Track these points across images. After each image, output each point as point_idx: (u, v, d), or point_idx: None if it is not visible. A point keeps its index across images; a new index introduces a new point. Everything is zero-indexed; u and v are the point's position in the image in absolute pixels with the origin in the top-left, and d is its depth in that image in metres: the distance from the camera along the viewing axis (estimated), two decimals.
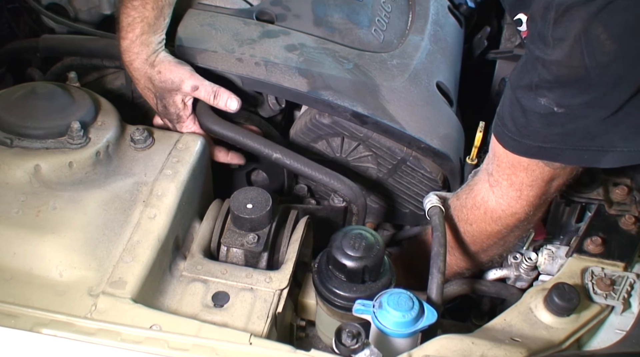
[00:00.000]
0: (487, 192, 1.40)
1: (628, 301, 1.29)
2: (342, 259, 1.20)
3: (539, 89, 1.18)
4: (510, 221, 1.41)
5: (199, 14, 1.66)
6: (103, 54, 1.65)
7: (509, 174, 1.34)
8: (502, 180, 1.36)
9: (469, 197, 1.45)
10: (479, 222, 1.44)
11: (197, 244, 1.36)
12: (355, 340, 1.10)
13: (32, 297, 1.16)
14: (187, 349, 1.11)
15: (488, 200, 1.40)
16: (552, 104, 1.17)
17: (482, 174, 1.43)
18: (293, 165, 1.52)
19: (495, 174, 1.37)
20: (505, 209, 1.39)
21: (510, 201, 1.37)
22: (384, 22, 1.82)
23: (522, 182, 1.33)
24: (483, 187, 1.41)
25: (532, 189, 1.34)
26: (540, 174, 1.30)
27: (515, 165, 1.32)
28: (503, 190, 1.37)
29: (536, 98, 1.19)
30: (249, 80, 1.56)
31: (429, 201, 1.48)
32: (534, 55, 1.18)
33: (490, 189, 1.39)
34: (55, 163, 1.32)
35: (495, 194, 1.39)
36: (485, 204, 1.41)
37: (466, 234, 1.48)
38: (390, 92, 1.64)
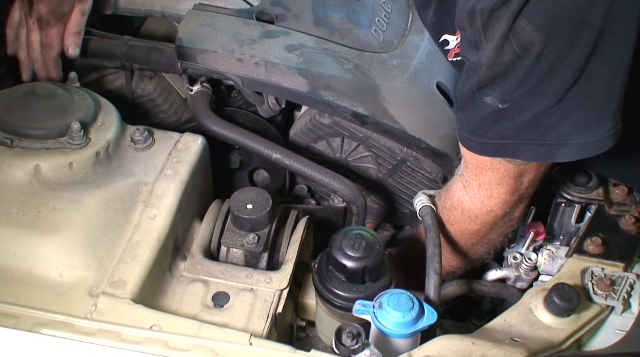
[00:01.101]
0: (462, 193, 1.42)
1: (628, 301, 1.29)
2: (342, 259, 1.20)
3: (481, 89, 1.22)
4: (488, 219, 1.42)
5: (198, 14, 1.67)
6: (103, 54, 1.65)
7: (477, 175, 1.36)
8: (471, 180, 1.38)
9: (447, 198, 1.47)
10: (458, 222, 1.46)
11: (197, 244, 1.36)
12: (355, 340, 1.10)
13: (32, 297, 1.16)
14: (187, 349, 1.11)
15: (463, 200, 1.42)
16: (496, 101, 1.21)
17: (456, 175, 1.45)
18: (293, 166, 1.52)
19: (465, 175, 1.40)
20: (480, 208, 1.40)
21: (483, 199, 1.39)
22: (384, 22, 1.82)
23: (490, 181, 1.35)
24: (458, 188, 1.43)
25: (502, 186, 1.36)
26: (505, 171, 1.32)
27: (480, 166, 1.34)
28: (474, 190, 1.39)
29: (481, 98, 1.23)
30: (249, 81, 1.56)
31: (419, 200, 1.48)
32: (471, 61, 1.23)
33: (464, 189, 1.41)
34: (55, 163, 1.32)
35: (469, 194, 1.41)
36: (462, 204, 1.43)
37: (450, 234, 1.49)
38: (390, 93, 1.64)
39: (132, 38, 1.66)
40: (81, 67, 1.66)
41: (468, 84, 1.25)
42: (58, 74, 1.61)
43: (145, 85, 1.69)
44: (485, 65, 1.19)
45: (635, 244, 1.40)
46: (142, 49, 1.63)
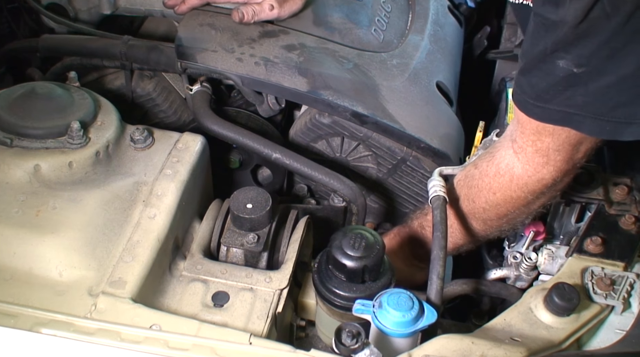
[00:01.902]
0: (512, 159, 1.36)
1: (628, 300, 1.29)
2: (342, 258, 1.20)
3: (555, 52, 1.15)
4: (537, 187, 1.36)
5: (198, 14, 1.67)
6: (103, 54, 1.65)
7: (534, 141, 1.30)
8: (527, 146, 1.32)
9: (491, 165, 1.40)
10: (503, 190, 1.39)
11: (197, 244, 1.36)
12: (355, 340, 1.10)
13: (32, 296, 1.16)
14: (186, 348, 1.11)
15: (514, 166, 1.36)
16: (571, 65, 1.14)
17: (505, 141, 1.39)
18: (293, 165, 1.52)
19: (519, 141, 1.33)
20: (532, 175, 1.34)
21: (537, 166, 1.33)
22: (384, 21, 1.82)
23: (549, 147, 1.29)
24: (507, 154, 1.37)
25: (560, 153, 1.30)
26: (567, 138, 1.27)
27: (541, 131, 1.28)
28: (528, 156, 1.33)
29: (554, 61, 1.16)
30: (249, 80, 1.56)
31: (432, 186, 1.44)
32: (547, 19, 1.15)
33: (515, 155, 1.35)
34: (55, 163, 1.32)
35: (521, 161, 1.34)
36: (511, 171, 1.36)
37: (489, 203, 1.43)
38: (390, 92, 1.64)
39: (132, 38, 1.66)
40: (81, 67, 1.66)
41: (540, 45, 1.17)
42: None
43: (145, 85, 1.69)
44: (568, 24, 1.12)
45: (635, 243, 1.40)
46: (141, 49, 1.63)
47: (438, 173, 1.47)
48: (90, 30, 1.76)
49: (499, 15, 2.31)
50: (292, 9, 1.68)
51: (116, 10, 1.87)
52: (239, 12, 1.63)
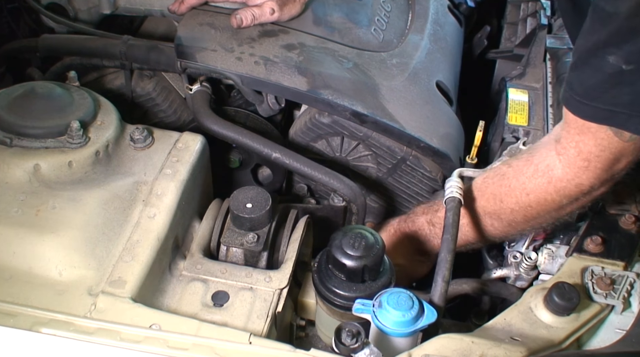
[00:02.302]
0: (554, 160, 1.34)
1: (628, 300, 1.29)
2: (342, 258, 1.20)
3: (607, 47, 1.14)
4: (574, 192, 1.34)
5: (198, 13, 1.67)
6: (103, 54, 1.65)
7: (577, 141, 1.28)
8: (570, 147, 1.30)
9: (529, 165, 1.38)
10: (539, 191, 1.37)
11: (197, 244, 1.36)
12: (355, 339, 1.10)
13: (32, 296, 1.16)
14: (186, 348, 1.11)
15: (554, 168, 1.33)
16: (621, 62, 1.13)
17: (547, 141, 1.38)
18: (293, 165, 1.52)
19: (563, 141, 1.31)
20: (571, 179, 1.32)
21: (578, 170, 1.31)
22: (384, 21, 1.82)
23: (591, 151, 1.27)
24: (548, 155, 1.35)
25: (600, 160, 1.28)
26: (608, 144, 1.25)
27: (584, 132, 1.26)
28: (570, 159, 1.31)
29: (604, 56, 1.15)
30: (249, 79, 1.56)
31: (449, 186, 1.42)
32: (604, 11, 1.13)
33: (557, 156, 1.33)
34: (54, 162, 1.32)
35: (562, 162, 1.32)
36: (551, 172, 1.34)
37: (519, 204, 1.41)
38: (389, 92, 1.64)
39: (132, 37, 1.66)
40: (81, 66, 1.66)
41: (592, 39, 1.16)
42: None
43: (144, 85, 1.69)
44: (622, 16, 1.10)
45: (635, 243, 1.40)
46: (141, 49, 1.63)
47: (457, 173, 1.46)
48: (90, 30, 1.76)
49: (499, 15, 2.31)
50: (291, 13, 1.68)
51: (116, 10, 1.87)
52: (236, 18, 1.62)
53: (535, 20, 2.09)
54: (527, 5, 2.20)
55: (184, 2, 1.68)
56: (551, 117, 1.77)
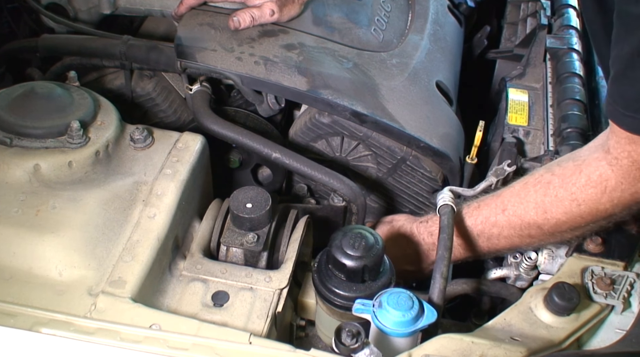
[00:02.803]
0: (606, 170, 1.28)
1: (628, 300, 1.29)
2: (342, 258, 1.20)
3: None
4: (628, 201, 1.30)
5: (198, 13, 1.67)
6: (102, 54, 1.65)
7: (629, 151, 1.23)
8: (622, 158, 1.25)
9: (579, 175, 1.32)
10: (591, 202, 1.31)
11: (197, 244, 1.36)
12: (355, 339, 1.10)
13: (32, 296, 1.16)
14: (186, 348, 1.11)
15: (608, 178, 1.28)
16: None
17: (596, 151, 1.33)
18: (292, 165, 1.52)
19: (613, 152, 1.26)
20: (627, 188, 1.27)
21: (633, 180, 1.26)
22: (384, 21, 1.82)
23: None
24: (600, 165, 1.29)
25: None
26: None
27: (636, 142, 1.21)
28: (624, 169, 1.26)
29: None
30: (248, 79, 1.56)
31: (441, 198, 1.44)
32: (630, 15, 1.09)
33: (610, 167, 1.28)
34: (54, 162, 1.32)
35: (616, 173, 1.27)
36: (605, 182, 1.29)
37: (568, 214, 1.35)
38: (389, 91, 1.64)
39: (132, 37, 1.66)
40: (81, 66, 1.66)
41: (625, 48, 1.12)
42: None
43: (144, 85, 1.69)
44: None
45: (635, 243, 1.39)
46: (141, 49, 1.63)
47: (448, 188, 1.46)
48: (90, 30, 1.76)
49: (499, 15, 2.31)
50: (290, 13, 1.68)
51: (116, 10, 1.87)
52: (234, 20, 1.62)
53: (535, 20, 2.10)
54: (527, 5, 2.21)
55: (183, 3, 1.68)
56: (551, 117, 1.77)
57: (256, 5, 1.64)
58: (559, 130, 1.69)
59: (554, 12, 2.09)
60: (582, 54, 1.92)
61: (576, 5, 2.11)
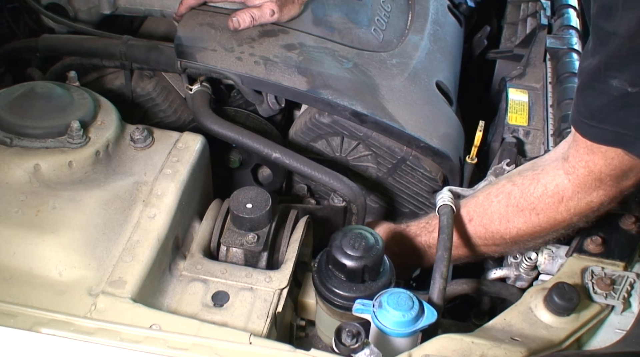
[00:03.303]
0: (563, 180, 1.32)
1: (628, 300, 1.29)
2: (342, 258, 1.20)
3: (609, 70, 1.12)
4: (584, 210, 1.34)
5: (198, 13, 1.67)
6: (102, 54, 1.65)
7: (587, 161, 1.27)
8: (579, 167, 1.28)
9: (537, 185, 1.36)
10: (549, 211, 1.36)
11: (197, 244, 1.36)
12: (355, 339, 1.10)
13: (32, 296, 1.16)
14: (186, 348, 1.10)
15: (564, 188, 1.32)
16: (625, 85, 1.11)
17: (554, 159, 1.36)
18: (292, 165, 1.52)
19: (572, 160, 1.30)
20: (582, 197, 1.31)
21: (588, 189, 1.30)
22: (384, 21, 1.82)
23: (601, 170, 1.26)
24: (557, 175, 1.33)
25: (610, 178, 1.27)
26: (619, 163, 1.24)
27: (594, 152, 1.25)
28: (580, 178, 1.29)
29: (607, 80, 1.13)
30: (248, 79, 1.56)
31: (441, 197, 1.45)
32: (603, 30, 1.11)
33: (566, 176, 1.31)
34: (54, 162, 1.32)
35: (572, 182, 1.31)
36: (561, 192, 1.33)
37: (528, 223, 1.40)
38: (389, 92, 1.64)
39: (132, 37, 1.66)
40: (81, 66, 1.66)
41: (594, 61, 1.14)
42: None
43: (144, 85, 1.69)
44: (621, 37, 1.07)
45: (635, 243, 1.39)
46: (141, 49, 1.63)
47: (447, 188, 1.47)
48: (90, 30, 1.76)
49: (499, 15, 2.31)
50: (290, 14, 1.68)
51: (116, 10, 1.87)
52: (233, 21, 1.61)
53: (535, 20, 2.10)
54: (527, 5, 2.20)
55: (183, 3, 1.68)
56: (551, 117, 1.77)
57: (256, 6, 1.64)
58: (559, 131, 1.69)
59: (554, 12, 2.09)
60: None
61: (576, 5, 2.11)
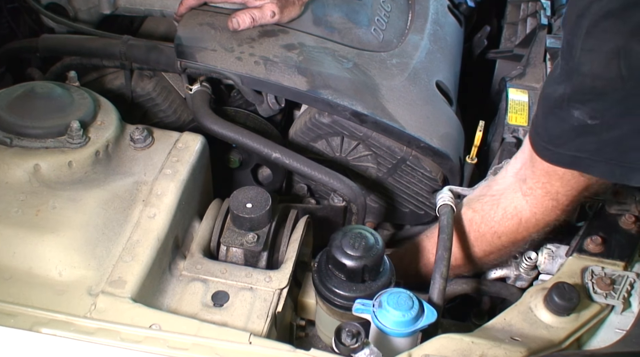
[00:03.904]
0: (520, 202, 1.37)
1: (628, 300, 1.28)
2: (342, 258, 1.20)
3: (571, 101, 1.16)
4: (543, 228, 1.39)
5: (198, 13, 1.67)
6: (102, 54, 1.65)
7: (544, 183, 1.31)
8: (536, 188, 1.33)
9: (497, 209, 1.41)
10: (510, 233, 1.41)
11: (197, 244, 1.36)
12: (355, 339, 1.10)
13: (32, 296, 1.16)
14: (186, 348, 1.11)
15: (522, 210, 1.37)
16: (586, 117, 1.15)
17: (512, 182, 1.39)
18: (292, 165, 1.52)
19: (529, 182, 1.34)
20: (540, 218, 1.37)
21: (546, 210, 1.35)
22: (384, 21, 1.82)
23: (558, 191, 1.31)
24: (515, 197, 1.38)
25: (568, 198, 1.32)
26: (575, 183, 1.29)
27: (551, 174, 1.29)
28: (538, 199, 1.34)
29: (569, 110, 1.17)
30: (248, 79, 1.56)
31: (441, 197, 1.45)
32: (568, 65, 1.16)
33: (524, 198, 1.36)
34: (54, 162, 1.32)
35: (530, 203, 1.36)
36: (520, 214, 1.38)
37: (492, 246, 1.45)
38: (389, 91, 1.64)
39: (132, 37, 1.66)
40: (81, 66, 1.66)
41: (560, 90, 1.18)
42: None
43: (144, 85, 1.69)
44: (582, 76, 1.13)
45: (635, 243, 1.39)
46: (141, 49, 1.63)
47: (447, 188, 1.49)
48: (90, 30, 1.76)
49: (499, 15, 2.31)
50: (291, 15, 1.68)
51: (116, 10, 1.87)
52: (232, 22, 1.61)
53: (535, 20, 2.10)
54: (527, 5, 2.20)
55: (183, 3, 1.68)
56: None
57: (257, 6, 1.64)
58: None
59: (554, 12, 2.09)
60: None
61: None
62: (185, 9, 1.68)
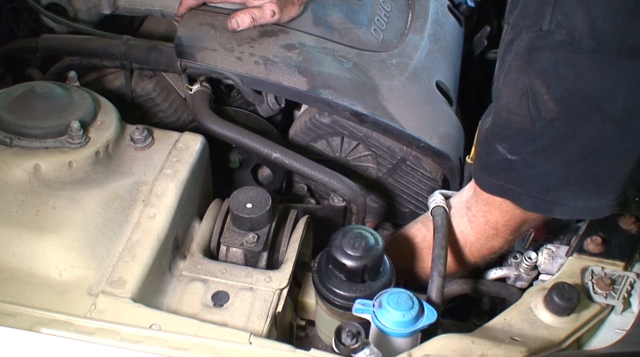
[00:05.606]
0: (466, 227, 1.44)
1: (628, 300, 1.29)
2: (342, 258, 1.20)
3: (494, 136, 1.23)
4: (487, 254, 1.48)
5: (198, 13, 1.67)
6: (102, 54, 1.65)
7: (485, 212, 1.39)
8: (479, 216, 1.40)
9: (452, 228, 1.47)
10: (456, 254, 1.48)
11: (197, 244, 1.36)
12: (355, 339, 1.10)
13: (32, 296, 1.16)
14: (186, 348, 1.11)
15: (467, 235, 1.44)
16: (506, 152, 1.22)
17: (460, 207, 1.46)
18: (292, 165, 1.52)
19: (473, 209, 1.41)
20: (484, 244, 1.44)
21: (488, 238, 1.42)
22: (384, 21, 1.82)
23: (497, 220, 1.38)
24: (462, 222, 1.45)
25: (507, 228, 1.39)
26: (513, 215, 1.34)
27: (490, 203, 1.36)
28: (481, 226, 1.41)
29: (494, 143, 1.24)
30: (248, 79, 1.56)
31: (433, 200, 1.48)
32: (491, 97, 1.24)
33: (469, 224, 1.43)
34: (54, 162, 1.32)
35: (474, 230, 1.43)
36: (465, 238, 1.45)
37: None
38: (389, 91, 1.63)
39: (132, 37, 1.66)
40: (81, 66, 1.66)
41: (487, 123, 1.26)
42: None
43: (144, 85, 1.69)
44: (501, 109, 1.19)
45: (635, 243, 1.40)
46: (141, 49, 1.63)
47: (439, 192, 1.52)
48: (90, 30, 1.76)
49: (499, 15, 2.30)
50: (290, 14, 1.68)
51: (116, 10, 1.87)
52: (232, 22, 1.61)
53: None
54: None
55: (183, 3, 1.68)
56: None
57: (256, 6, 1.64)
58: None
59: None
60: None
61: None
62: (185, 9, 1.68)
